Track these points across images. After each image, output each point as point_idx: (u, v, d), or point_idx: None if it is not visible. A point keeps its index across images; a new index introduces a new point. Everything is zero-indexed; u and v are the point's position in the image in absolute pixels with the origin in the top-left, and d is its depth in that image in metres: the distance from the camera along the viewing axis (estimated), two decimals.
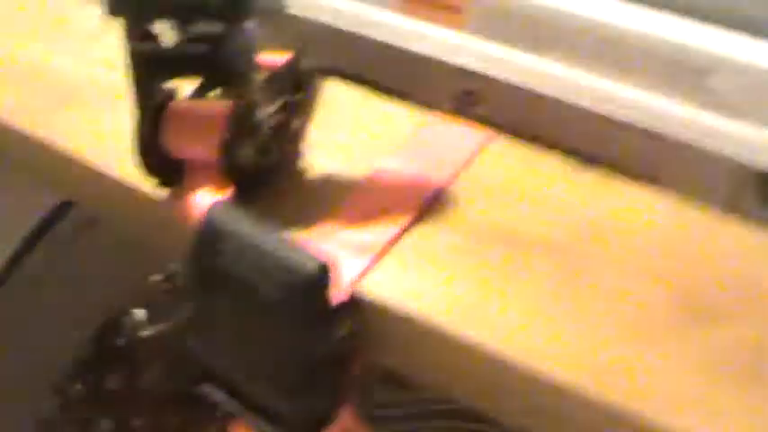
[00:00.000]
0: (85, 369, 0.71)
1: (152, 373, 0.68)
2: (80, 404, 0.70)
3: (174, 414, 0.66)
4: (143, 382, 0.69)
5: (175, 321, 0.55)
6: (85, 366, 0.71)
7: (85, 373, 0.71)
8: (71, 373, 0.70)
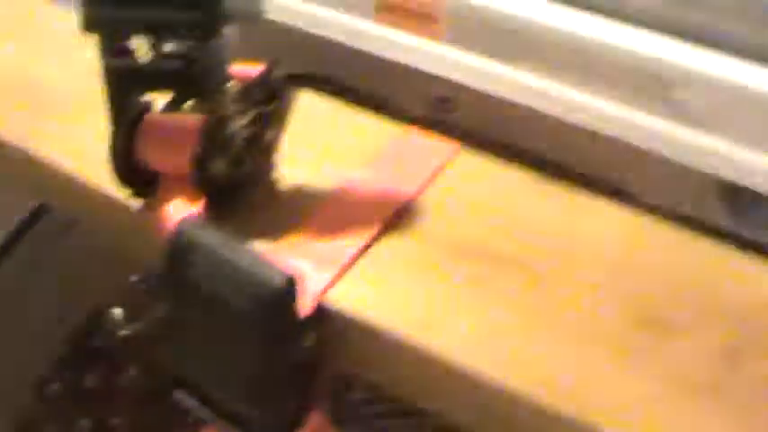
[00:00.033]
0: (64, 368, 0.72)
1: (130, 373, 0.69)
2: (59, 403, 0.71)
3: (152, 413, 0.67)
4: (121, 382, 0.70)
5: (151, 321, 0.56)
6: (64, 365, 0.72)
7: (64, 373, 0.71)
8: (50, 372, 0.71)
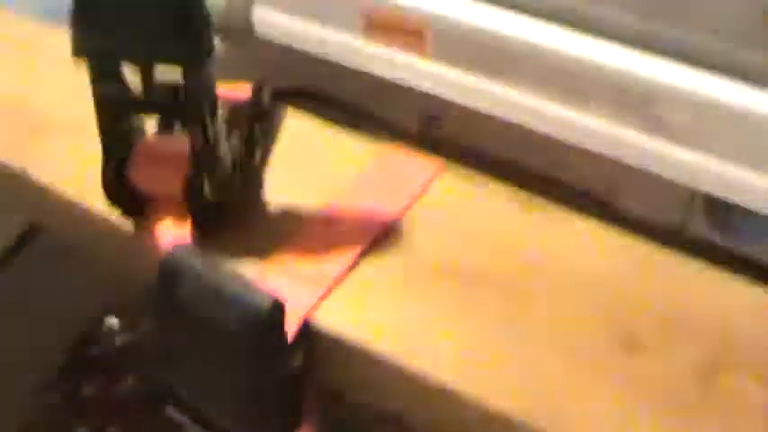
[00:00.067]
0: (63, 378, 0.73)
1: (127, 383, 0.70)
2: (58, 411, 0.72)
3: (149, 422, 0.68)
4: (118, 391, 0.71)
5: (146, 332, 0.57)
6: (63, 375, 0.73)
7: (63, 382, 0.73)
8: (49, 381, 0.72)
